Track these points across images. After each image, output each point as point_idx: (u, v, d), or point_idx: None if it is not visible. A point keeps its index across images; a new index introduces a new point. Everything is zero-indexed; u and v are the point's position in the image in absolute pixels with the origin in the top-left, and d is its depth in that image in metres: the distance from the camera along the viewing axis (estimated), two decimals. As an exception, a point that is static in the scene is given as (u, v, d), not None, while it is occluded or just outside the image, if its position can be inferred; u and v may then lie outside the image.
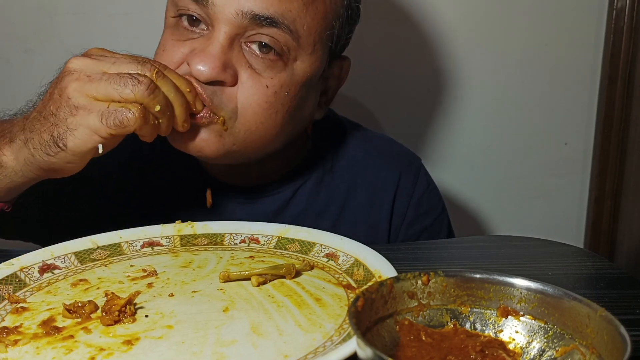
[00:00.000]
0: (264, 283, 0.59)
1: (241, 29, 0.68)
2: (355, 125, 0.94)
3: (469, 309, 0.45)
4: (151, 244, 0.70)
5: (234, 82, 0.69)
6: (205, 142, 0.70)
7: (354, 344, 0.44)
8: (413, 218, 0.88)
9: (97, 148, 0.62)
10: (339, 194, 0.86)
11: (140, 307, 0.54)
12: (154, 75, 0.62)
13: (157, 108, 0.62)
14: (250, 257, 0.67)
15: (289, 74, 0.71)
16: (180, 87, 0.65)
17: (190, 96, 0.66)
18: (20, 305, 0.55)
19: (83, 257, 0.66)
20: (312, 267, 0.63)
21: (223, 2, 0.67)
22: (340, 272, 0.62)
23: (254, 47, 0.69)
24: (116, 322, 0.51)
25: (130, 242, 0.70)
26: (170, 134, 0.71)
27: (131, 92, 0.60)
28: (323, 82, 0.79)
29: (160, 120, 0.63)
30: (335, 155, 0.88)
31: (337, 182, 0.87)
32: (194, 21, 0.70)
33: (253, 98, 0.69)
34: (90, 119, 0.60)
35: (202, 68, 0.66)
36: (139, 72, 0.61)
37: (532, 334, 0.43)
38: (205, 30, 0.70)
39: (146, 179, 0.86)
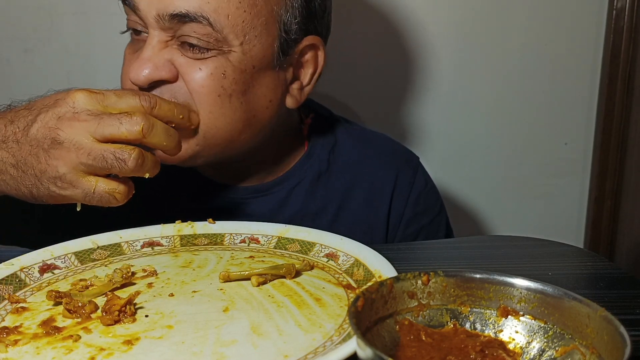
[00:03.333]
0: (264, 283, 0.59)
1: (168, 30, 0.69)
2: (352, 124, 0.94)
3: (469, 309, 0.45)
4: (151, 244, 0.70)
5: (176, 79, 0.71)
6: None
7: (354, 344, 0.44)
8: (410, 217, 0.88)
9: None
10: (336, 193, 0.86)
11: (140, 307, 0.54)
12: (142, 132, 0.60)
13: (147, 175, 0.63)
14: (250, 257, 0.67)
15: (223, 60, 0.71)
16: (174, 118, 0.66)
17: (184, 120, 0.68)
18: (20, 305, 0.55)
19: (83, 257, 0.66)
20: (312, 267, 0.63)
21: (144, 8, 0.69)
22: (340, 272, 0.62)
23: (187, 44, 0.70)
24: (116, 322, 0.51)
25: (130, 242, 0.70)
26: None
27: (119, 171, 0.60)
28: (288, 69, 0.77)
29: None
30: (332, 155, 0.87)
31: (335, 182, 0.86)
32: (138, 30, 0.73)
33: (193, 83, 0.70)
34: (74, 194, 0.61)
35: (135, 73, 0.69)
36: (127, 134, 0.60)
37: (532, 334, 0.43)
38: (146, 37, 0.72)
39: (140, 180, 0.85)
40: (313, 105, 0.93)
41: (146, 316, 0.53)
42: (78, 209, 0.64)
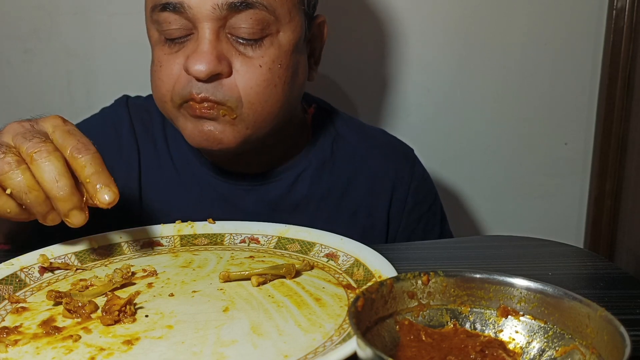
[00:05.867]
0: (264, 283, 0.59)
1: (222, 20, 0.71)
2: (350, 117, 0.98)
3: (469, 309, 0.45)
4: (151, 244, 0.70)
5: (230, 72, 0.73)
6: (223, 134, 0.75)
7: (354, 344, 0.44)
8: (412, 205, 0.92)
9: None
10: (340, 181, 0.89)
11: (140, 307, 0.55)
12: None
13: (8, 191, 0.56)
14: (250, 257, 0.67)
15: (276, 48, 0.74)
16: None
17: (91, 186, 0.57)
18: (20, 305, 0.55)
19: (83, 257, 0.66)
20: (312, 267, 0.63)
21: (198, 3, 0.70)
22: (340, 272, 0.62)
23: (237, 36, 0.73)
24: (116, 322, 0.51)
25: (130, 242, 0.70)
26: (187, 133, 0.76)
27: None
28: (308, 45, 0.83)
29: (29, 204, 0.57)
30: (335, 144, 0.91)
31: (338, 170, 0.90)
32: (179, 32, 0.74)
33: (252, 80, 0.73)
34: None
35: (199, 67, 0.70)
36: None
37: (532, 334, 0.43)
38: (192, 34, 0.73)
39: (148, 174, 0.89)
40: (314, 98, 0.97)
41: (146, 316, 0.53)
42: None
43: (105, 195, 0.56)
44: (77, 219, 0.57)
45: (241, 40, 0.73)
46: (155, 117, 0.90)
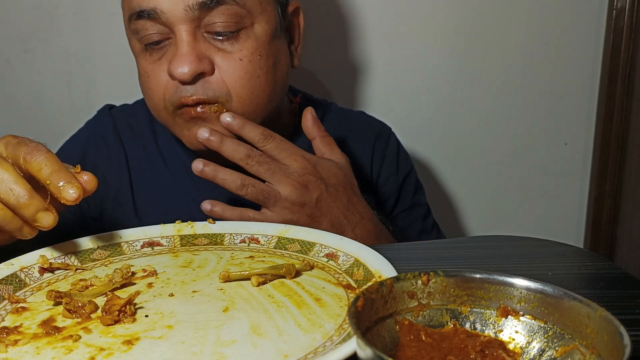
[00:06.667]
0: (264, 283, 0.59)
1: (196, 20, 0.74)
2: (330, 104, 1.03)
3: (469, 309, 0.45)
4: (151, 244, 0.70)
5: (213, 70, 0.75)
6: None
7: (354, 344, 0.44)
8: (387, 176, 0.98)
9: None
10: None
11: (140, 307, 0.54)
12: None
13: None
14: (250, 257, 0.67)
15: (253, 40, 0.77)
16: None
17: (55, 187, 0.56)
18: (20, 305, 0.55)
19: (83, 257, 0.66)
20: (312, 267, 0.63)
21: (170, 7, 0.73)
22: (340, 272, 0.62)
23: (213, 34, 0.75)
24: (116, 322, 0.51)
25: (130, 242, 0.70)
26: (185, 140, 0.79)
27: None
28: (286, 33, 0.85)
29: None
30: None
31: None
32: (157, 40, 0.76)
33: (235, 74, 0.76)
34: None
35: (182, 69, 0.73)
36: None
37: (532, 334, 0.43)
38: (170, 38, 0.76)
39: (140, 177, 0.90)
40: (299, 90, 1.01)
41: (146, 316, 0.53)
42: None
43: (70, 191, 0.55)
44: (46, 221, 0.56)
45: (218, 37, 0.75)
46: (143, 121, 0.92)
